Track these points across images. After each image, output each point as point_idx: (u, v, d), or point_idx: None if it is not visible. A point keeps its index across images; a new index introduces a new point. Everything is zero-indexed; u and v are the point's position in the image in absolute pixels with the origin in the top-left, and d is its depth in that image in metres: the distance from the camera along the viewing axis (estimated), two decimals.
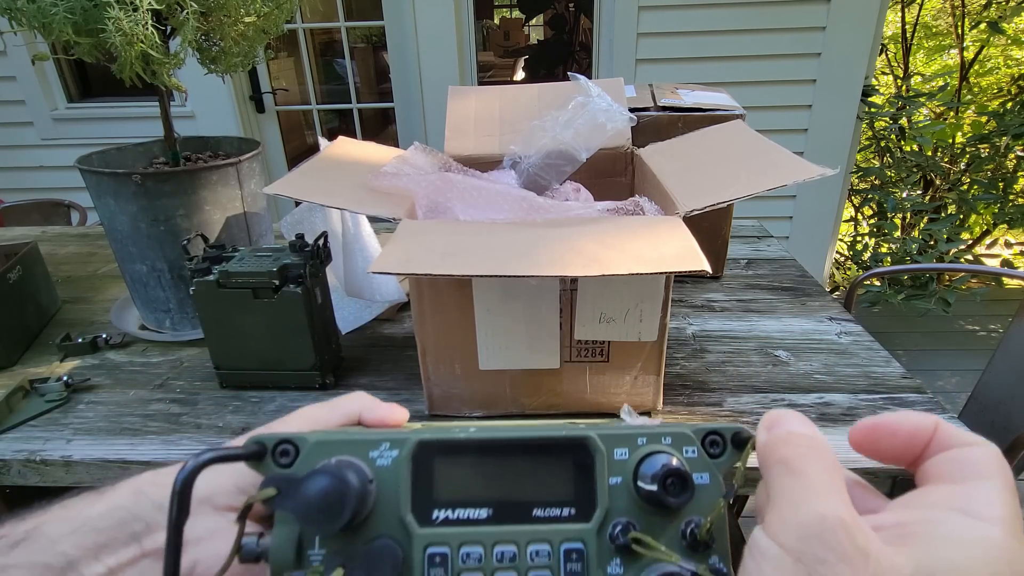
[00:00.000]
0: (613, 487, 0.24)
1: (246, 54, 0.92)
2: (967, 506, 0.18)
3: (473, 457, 0.24)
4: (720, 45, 2.30)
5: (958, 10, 2.71)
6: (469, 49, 2.48)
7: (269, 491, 0.22)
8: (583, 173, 0.96)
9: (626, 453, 0.24)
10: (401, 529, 0.23)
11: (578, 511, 0.24)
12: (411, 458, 0.24)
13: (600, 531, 0.24)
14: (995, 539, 0.17)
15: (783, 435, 0.21)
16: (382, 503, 0.23)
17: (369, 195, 0.76)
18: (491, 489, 0.24)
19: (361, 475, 0.23)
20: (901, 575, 0.16)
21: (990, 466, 0.19)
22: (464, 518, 0.23)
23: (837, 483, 0.19)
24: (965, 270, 2.64)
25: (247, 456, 0.24)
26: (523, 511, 0.23)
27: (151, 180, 0.84)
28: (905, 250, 2.54)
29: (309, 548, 0.23)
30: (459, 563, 0.23)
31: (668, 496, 0.23)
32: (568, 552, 0.23)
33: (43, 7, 0.72)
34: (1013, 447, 0.91)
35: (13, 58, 2.37)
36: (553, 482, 0.24)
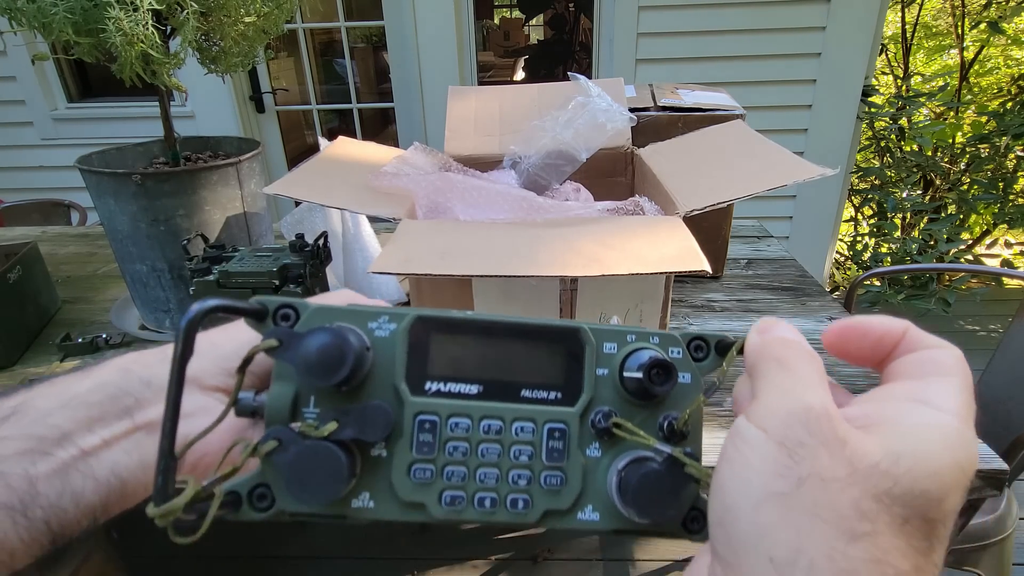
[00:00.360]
0: (600, 377, 0.25)
1: (246, 54, 0.92)
2: (927, 398, 0.20)
3: (468, 337, 0.25)
4: (720, 45, 2.30)
5: (958, 10, 2.71)
6: (469, 49, 2.48)
7: (271, 342, 0.23)
8: (583, 173, 0.96)
9: (615, 348, 0.25)
10: (394, 396, 0.24)
11: (564, 396, 0.25)
12: (408, 331, 0.24)
13: (583, 416, 0.25)
14: (951, 426, 0.19)
15: (778, 338, 0.22)
16: (377, 372, 0.24)
17: (369, 195, 0.76)
18: (483, 368, 0.25)
19: (360, 340, 0.23)
20: (872, 459, 0.18)
21: (951, 365, 0.21)
22: (455, 391, 0.24)
23: (823, 381, 0.20)
24: (965, 270, 2.64)
25: (249, 312, 0.24)
26: (512, 391, 0.25)
27: (151, 180, 0.84)
28: (905, 250, 2.54)
29: (304, 406, 0.24)
30: (447, 431, 0.24)
31: (652, 384, 0.24)
32: (551, 431, 0.24)
33: (43, 7, 0.72)
34: (1013, 447, 0.91)
35: (13, 58, 2.37)
36: (543, 367, 0.25)
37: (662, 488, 0.24)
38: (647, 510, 0.24)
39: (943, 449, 0.18)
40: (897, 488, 0.17)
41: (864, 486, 0.17)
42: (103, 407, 0.26)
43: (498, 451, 0.24)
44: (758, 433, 0.19)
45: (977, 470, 0.69)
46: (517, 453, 0.24)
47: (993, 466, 0.65)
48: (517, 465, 0.24)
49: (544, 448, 0.24)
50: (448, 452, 0.24)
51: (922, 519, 0.17)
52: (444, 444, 0.24)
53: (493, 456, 0.24)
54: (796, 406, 0.19)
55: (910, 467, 0.17)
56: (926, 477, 0.17)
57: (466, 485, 0.24)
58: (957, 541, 0.99)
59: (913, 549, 0.17)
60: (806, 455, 0.18)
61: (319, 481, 0.22)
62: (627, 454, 0.25)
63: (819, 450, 0.18)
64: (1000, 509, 1.08)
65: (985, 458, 0.66)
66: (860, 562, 0.17)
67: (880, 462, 0.17)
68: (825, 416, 0.18)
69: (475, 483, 0.24)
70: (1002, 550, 1.09)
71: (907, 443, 0.18)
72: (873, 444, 0.18)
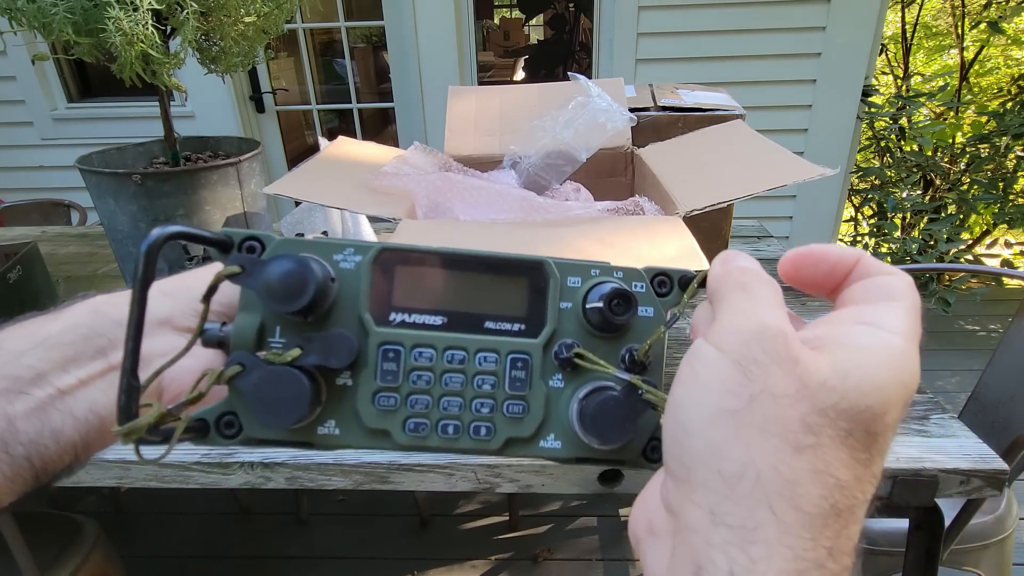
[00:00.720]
0: (563, 310, 0.25)
1: (246, 54, 0.92)
2: (875, 320, 0.20)
3: (433, 269, 0.25)
4: (720, 45, 2.30)
5: (958, 10, 2.71)
6: (469, 49, 2.48)
7: (234, 267, 0.23)
8: (583, 173, 0.96)
9: (579, 281, 0.26)
10: (359, 326, 0.25)
11: (528, 327, 0.25)
12: (373, 262, 0.25)
13: (546, 347, 0.25)
14: (896, 345, 0.19)
15: (740, 267, 0.23)
16: (342, 302, 0.25)
17: (369, 195, 0.76)
18: (447, 300, 0.25)
19: (324, 270, 0.24)
20: (821, 375, 0.18)
21: (900, 290, 0.21)
22: (419, 322, 0.25)
23: (781, 304, 0.21)
24: (965, 270, 2.64)
25: (213, 242, 0.24)
26: (476, 322, 0.25)
27: (151, 180, 0.84)
28: (905, 250, 2.54)
29: (270, 336, 0.24)
30: (411, 360, 0.24)
31: (612, 314, 0.25)
32: (514, 361, 0.25)
33: (43, 7, 0.72)
34: (1013, 447, 0.91)
35: (13, 58, 2.37)
36: (507, 299, 0.25)
37: (620, 414, 0.24)
38: (605, 435, 0.24)
39: (888, 367, 0.19)
40: (843, 403, 0.18)
41: (812, 402, 0.18)
42: (76, 347, 0.26)
43: (461, 380, 0.25)
44: (715, 352, 0.20)
45: (977, 470, 0.69)
46: (480, 382, 0.25)
47: (993, 466, 0.65)
48: (480, 394, 0.25)
49: (507, 378, 0.25)
50: (412, 381, 0.24)
51: (865, 432, 0.18)
52: (408, 373, 0.24)
53: (456, 385, 0.25)
54: (754, 325, 0.19)
55: (857, 383, 0.18)
56: (871, 392, 0.18)
57: (430, 413, 0.24)
58: (957, 541, 0.99)
59: (854, 460, 0.18)
60: (760, 373, 0.18)
61: (283, 405, 0.22)
62: (589, 384, 0.25)
63: (772, 368, 0.18)
64: (1000, 509, 1.08)
65: (985, 458, 0.66)
66: (803, 472, 0.17)
67: (828, 379, 0.18)
68: (780, 335, 0.19)
69: (439, 411, 0.24)
70: (1002, 550, 1.09)
71: (854, 361, 0.19)
72: (824, 362, 0.19)
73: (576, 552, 1.61)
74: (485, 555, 1.60)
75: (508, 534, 1.67)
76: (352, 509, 1.76)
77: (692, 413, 0.19)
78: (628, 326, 0.26)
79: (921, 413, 0.74)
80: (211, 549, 1.64)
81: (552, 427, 0.26)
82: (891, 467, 0.66)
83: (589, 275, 0.26)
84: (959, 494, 0.66)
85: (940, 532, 0.74)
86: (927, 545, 0.76)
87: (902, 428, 0.72)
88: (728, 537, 0.17)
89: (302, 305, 0.23)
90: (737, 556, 0.17)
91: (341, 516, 1.74)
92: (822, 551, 0.17)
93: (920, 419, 0.73)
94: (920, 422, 0.73)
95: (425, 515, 1.71)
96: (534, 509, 1.74)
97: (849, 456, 0.18)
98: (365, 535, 1.68)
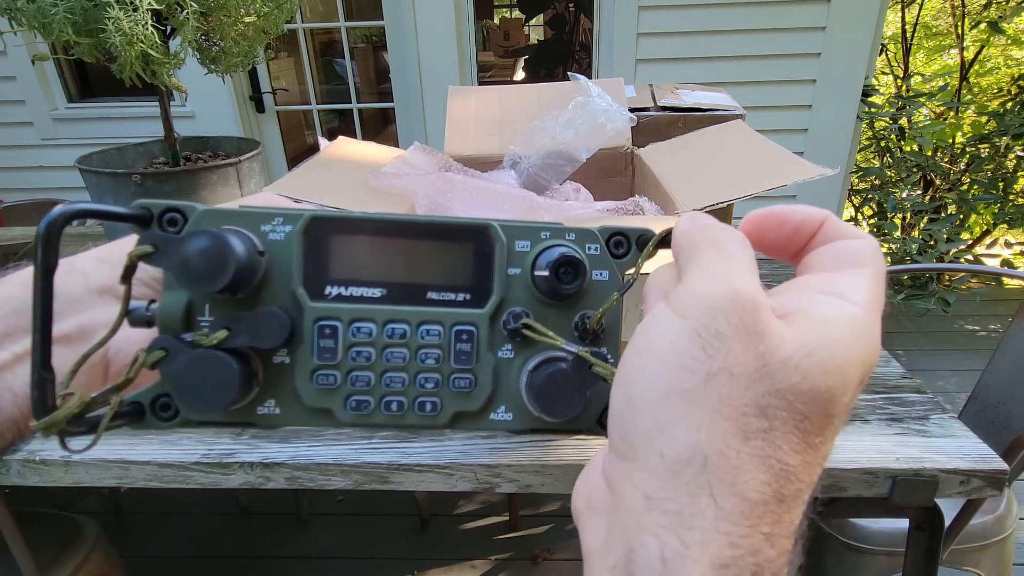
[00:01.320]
0: (512, 277, 0.24)
1: (246, 54, 0.92)
2: (837, 289, 0.19)
3: (370, 237, 0.24)
4: (720, 45, 2.30)
5: (958, 10, 2.71)
6: (469, 49, 2.48)
7: (146, 248, 0.22)
8: (583, 173, 0.96)
9: (528, 245, 0.24)
10: (293, 302, 0.23)
11: (473, 297, 0.24)
12: (303, 233, 0.23)
13: (494, 317, 0.24)
14: (858, 316, 0.18)
15: (713, 223, 0.21)
16: (274, 276, 0.23)
17: (369, 195, 0.76)
18: (386, 270, 0.24)
19: (249, 244, 0.22)
20: (785, 352, 0.17)
21: (865, 256, 0.20)
22: (357, 295, 0.23)
23: (755, 268, 0.19)
24: (965, 270, 2.64)
25: (129, 217, 0.23)
26: (417, 293, 0.24)
27: (151, 180, 0.84)
28: (905, 250, 2.54)
29: (199, 315, 0.23)
30: (350, 336, 0.23)
31: (560, 283, 0.23)
32: (459, 333, 0.24)
33: (43, 7, 0.72)
34: (1013, 447, 0.91)
35: (13, 58, 2.37)
36: (450, 268, 0.24)
37: (569, 387, 0.23)
38: (553, 410, 0.23)
39: (851, 343, 0.18)
40: (804, 383, 0.17)
41: (771, 381, 0.17)
42: (9, 322, 0.25)
43: (404, 355, 0.24)
44: (674, 320, 0.18)
45: (977, 470, 0.69)
46: (424, 356, 0.24)
47: (993, 466, 0.65)
48: (425, 368, 0.24)
49: (452, 351, 0.24)
50: (351, 358, 0.23)
51: (822, 414, 0.17)
52: (348, 349, 0.23)
53: (399, 360, 0.24)
54: (724, 291, 0.18)
55: (820, 361, 0.17)
56: (833, 371, 0.17)
57: (372, 390, 0.23)
58: (957, 541, 0.99)
59: (806, 444, 0.17)
60: (720, 348, 0.17)
61: (211, 390, 0.21)
62: (539, 355, 0.24)
63: (734, 343, 0.17)
64: (1000, 509, 1.08)
65: (985, 458, 0.66)
66: (751, 458, 0.17)
67: (792, 355, 0.17)
68: (751, 304, 0.17)
69: (382, 388, 0.24)
70: (1002, 550, 1.09)
71: (818, 335, 0.18)
72: (790, 335, 0.17)
73: (576, 552, 1.61)
74: (485, 555, 1.60)
75: (508, 534, 1.67)
76: (352, 509, 1.76)
77: (642, 389, 0.18)
78: (582, 291, 0.24)
79: (921, 413, 0.74)
80: (211, 549, 1.64)
81: (502, 399, 0.25)
82: (891, 467, 0.66)
83: (539, 238, 0.24)
84: (959, 494, 0.66)
85: (940, 532, 0.74)
86: (927, 545, 0.76)
87: (902, 428, 0.72)
88: (663, 521, 0.17)
89: (221, 286, 0.21)
90: (670, 540, 0.16)
91: (341, 516, 1.74)
92: (759, 537, 0.17)
93: (920, 419, 0.73)
94: (920, 422, 0.73)
95: (425, 515, 1.71)
96: (534, 509, 1.74)
97: (801, 440, 0.17)
98: (365, 535, 1.68)
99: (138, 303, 0.23)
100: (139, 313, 0.23)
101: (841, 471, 0.66)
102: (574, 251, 0.24)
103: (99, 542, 1.11)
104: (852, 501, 0.70)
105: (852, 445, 0.69)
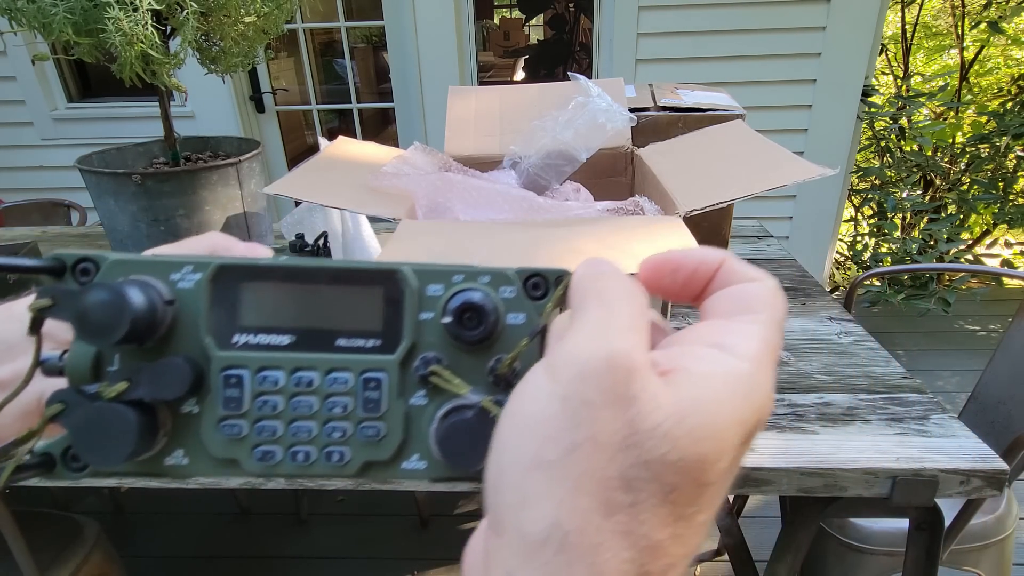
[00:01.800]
0: (424, 322, 0.24)
1: (246, 54, 0.92)
2: (724, 340, 0.18)
3: (279, 284, 0.24)
4: (720, 45, 2.30)
5: (958, 10, 2.71)
6: (469, 49, 2.48)
7: (44, 301, 0.22)
8: (583, 173, 0.96)
9: (441, 289, 0.24)
10: (201, 351, 0.23)
11: (384, 343, 0.24)
12: (211, 281, 0.23)
13: (405, 363, 0.24)
14: (740, 372, 0.17)
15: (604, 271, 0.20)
16: (183, 325, 0.23)
17: (369, 195, 0.76)
18: (295, 317, 0.24)
19: (152, 294, 0.22)
20: (654, 420, 0.16)
21: (760, 301, 0.19)
22: (265, 343, 0.23)
23: (640, 322, 0.18)
24: (965, 270, 2.64)
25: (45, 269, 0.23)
26: (326, 340, 0.23)
27: (151, 180, 0.84)
28: (905, 250, 2.54)
29: (108, 364, 0.23)
30: (257, 385, 0.23)
31: (464, 330, 0.23)
32: (367, 381, 0.23)
33: (43, 7, 0.72)
34: (1013, 447, 0.91)
35: (13, 58, 2.37)
36: (360, 313, 0.24)
37: (472, 438, 0.22)
38: (456, 460, 0.23)
39: (726, 404, 0.17)
40: (673, 453, 0.16)
41: (638, 452, 0.16)
42: None
43: (312, 404, 0.23)
44: (546, 384, 0.17)
45: (977, 470, 0.69)
46: (332, 405, 0.23)
47: (993, 466, 0.65)
48: (333, 417, 0.23)
49: (361, 399, 0.23)
50: (258, 407, 0.23)
51: (694, 484, 0.16)
52: (255, 398, 0.23)
53: (306, 409, 0.23)
54: (599, 353, 0.17)
55: (691, 428, 0.16)
56: (705, 439, 0.16)
57: (280, 440, 0.23)
58: (957, 541, 0.99)
59: (676, 517, 0.16)
60: (587, 416, 0.16)
61: (109, 443, 0.21)
62: (451, 401, 0.24)
63: (603, 411, 0.16)
64: (1000, 509, 1.08)
65: (985, 458, 0.66)
66: (612, 535, 0.16)
67: (662, 423, 0.16)
68: (624, 368, 0.16)
69: (289, 437, 0.23)
70: (1002, 550, 1.09)
71: (693, 397, 0.16)
72: (665, 398, 0.16)
73: None
74: None
75: None
76: (352, 509, 1.76)
77: (510, 459, 0.17)
78: (495, 336, 0.24)
79: (921, 413, 0.74)
80: (211, 549, 1.64)
81: (415, 447, 0.24)
82: (891, 467, 0.66)
83: (451, 281, 0.24)
84: (959, 494, 0.66)
85: (940, 532, 0.74)
86: (927, 545, 0.76)
87: (902, 428, 0.72)
88: None
89: (116, 338, 0.21)
90: None
91: (341, 516, 1.74)
92: None
93: (920, 419, 0.73)
94: (920, 422, 0.73)
95: (425, 515, 1.71)
96: None
97: (670, 513, 0.16)
98: (365, 535, 1.68)
99: (51, 353, 0.23)
100: (52, 363, 0.23)
101: (841, 471, 0.66)
102: (484, 295, 0.23)
103: (99, 542, 1.11)
104: (852, 501, 0.70)
105: (852, 445, 0.69)
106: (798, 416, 0.75)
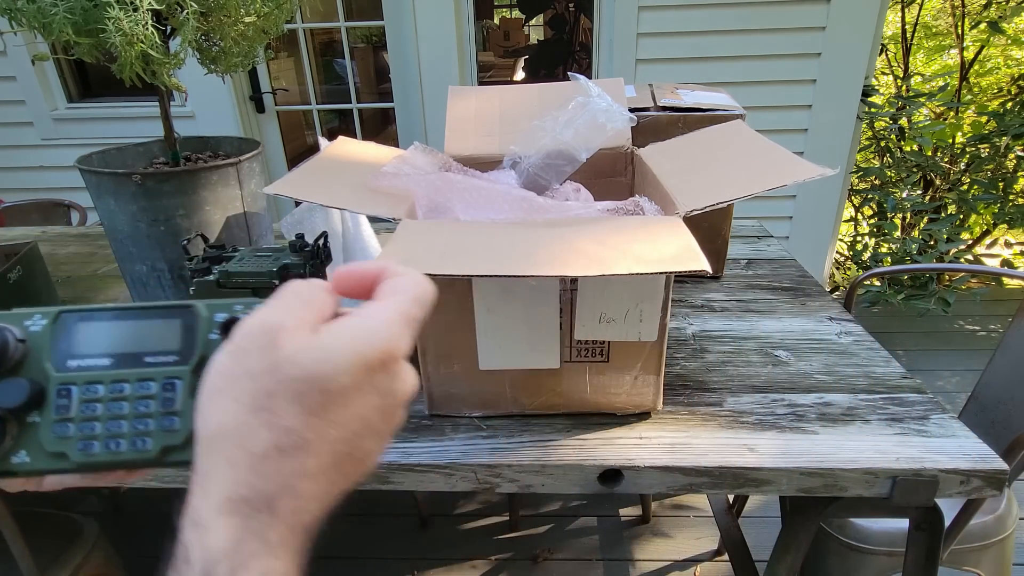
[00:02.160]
0: (212, 340, 0.31)
1: (246, 54, 0.92)
2: (366, 311, 0.26)
3: (104, 322, 0.31)
4: (720, 45, 2.30)
5: (958, 10, 2.71)
6: (469, 49, 2.48)
7: None
8: (583, 173, 0.96)
9: (225, 315, 0.31)
10: (44, 375, 0.30)
11: (181, 358, 0.30)
12: (52, 323, 0.31)
13: (196, 371, 0.30)
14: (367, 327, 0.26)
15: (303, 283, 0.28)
16: (32, 358, 0.30)
17: (369, 195, 0.76)
18: (115, 344, 0.31)
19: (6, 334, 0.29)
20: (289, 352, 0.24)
21: (402, 287, 0.28)
22: (91, 365, 0.30)
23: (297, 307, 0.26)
24: (965, 270, 2.64)
25: None
26: (137, 359, 0.31)
27: (151, 180, 0.84)
28: (905, 250, 2.54)
29: None
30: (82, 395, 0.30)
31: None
32: (166, 385, 0.30)
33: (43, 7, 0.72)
34: (1013, 447, 0.91)
35: (13, 58, 2.37)
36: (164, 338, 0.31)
37: None
38: None
39: (347, 341, 0.25)
40: (297, 370, 0.24)
41: (276, 375, 0.24)
42: None
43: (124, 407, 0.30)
44: (224, 347, 0.25)
45: (977, 470, 0.69)
46: (139, 405, 0.30)
47: (993, 466, 0.65)
48: (141, 415, 0.30)
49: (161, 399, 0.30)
50: (83, 411, 0.30)
51: (318, 391, 0.24)
52: (81, 405, 0.30)
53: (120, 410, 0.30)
54: (254, 323, 0.25)
55: (314, 356, 0.24)
56: (324, 361, 0.24)
57: (98, 436, 0.30)
58: (957, 541, 0.99)
59: (306, 411, 0.24)
60: (243, 358, 0.24)
61: None
62: None
63: (253, 354, 0.24)
64: (1000, 509, 1.08)
65: (985, 458, 0.66)
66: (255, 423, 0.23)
67: (294, 354, 0.24)
68: (271, 329, 0.25)
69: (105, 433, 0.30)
70: (1002, 550, 1.09)
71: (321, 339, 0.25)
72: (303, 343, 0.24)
73: (576, 552, 1.61)
74: (485, 555, 1.60)
75: (508, 534, 1.67)
76: (352, 509, 1.76)
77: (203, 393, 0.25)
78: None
79: (921, 413, 0.74)
80: None
81: None
82: (891, 467, 0.66)
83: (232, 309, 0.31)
84: (959, 494, 0.67)
85: (940, 532, 0.74)
86: (927, 545, 0.76)
87: (902, 428, 0.72)
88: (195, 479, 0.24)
89: None
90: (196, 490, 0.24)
91: (341, 516, 1.74)
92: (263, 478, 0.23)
93: (920, 419, 0.73)
94: (920, 422, 0.73)
95: (425, 515, 1.71)
96: (534, 509, 1.74)
97: (300, 408, 0.24)
98: (365, 535, 1.68)
99: None
100: None
101: (841, 471, 0.66)
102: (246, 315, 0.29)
103: (99, 542, 1.12)
104: (852, 501, 0.70)
105: (852, 445, 0.69)
106: (798, 416, 0.75)
